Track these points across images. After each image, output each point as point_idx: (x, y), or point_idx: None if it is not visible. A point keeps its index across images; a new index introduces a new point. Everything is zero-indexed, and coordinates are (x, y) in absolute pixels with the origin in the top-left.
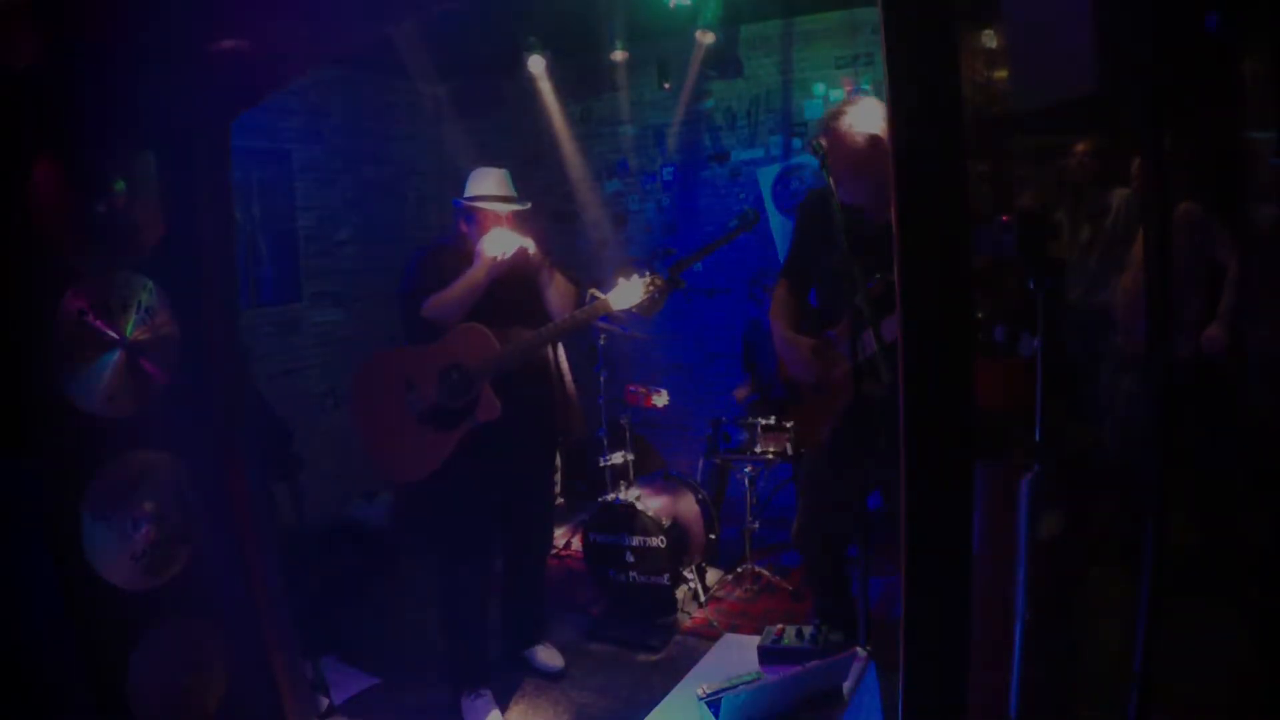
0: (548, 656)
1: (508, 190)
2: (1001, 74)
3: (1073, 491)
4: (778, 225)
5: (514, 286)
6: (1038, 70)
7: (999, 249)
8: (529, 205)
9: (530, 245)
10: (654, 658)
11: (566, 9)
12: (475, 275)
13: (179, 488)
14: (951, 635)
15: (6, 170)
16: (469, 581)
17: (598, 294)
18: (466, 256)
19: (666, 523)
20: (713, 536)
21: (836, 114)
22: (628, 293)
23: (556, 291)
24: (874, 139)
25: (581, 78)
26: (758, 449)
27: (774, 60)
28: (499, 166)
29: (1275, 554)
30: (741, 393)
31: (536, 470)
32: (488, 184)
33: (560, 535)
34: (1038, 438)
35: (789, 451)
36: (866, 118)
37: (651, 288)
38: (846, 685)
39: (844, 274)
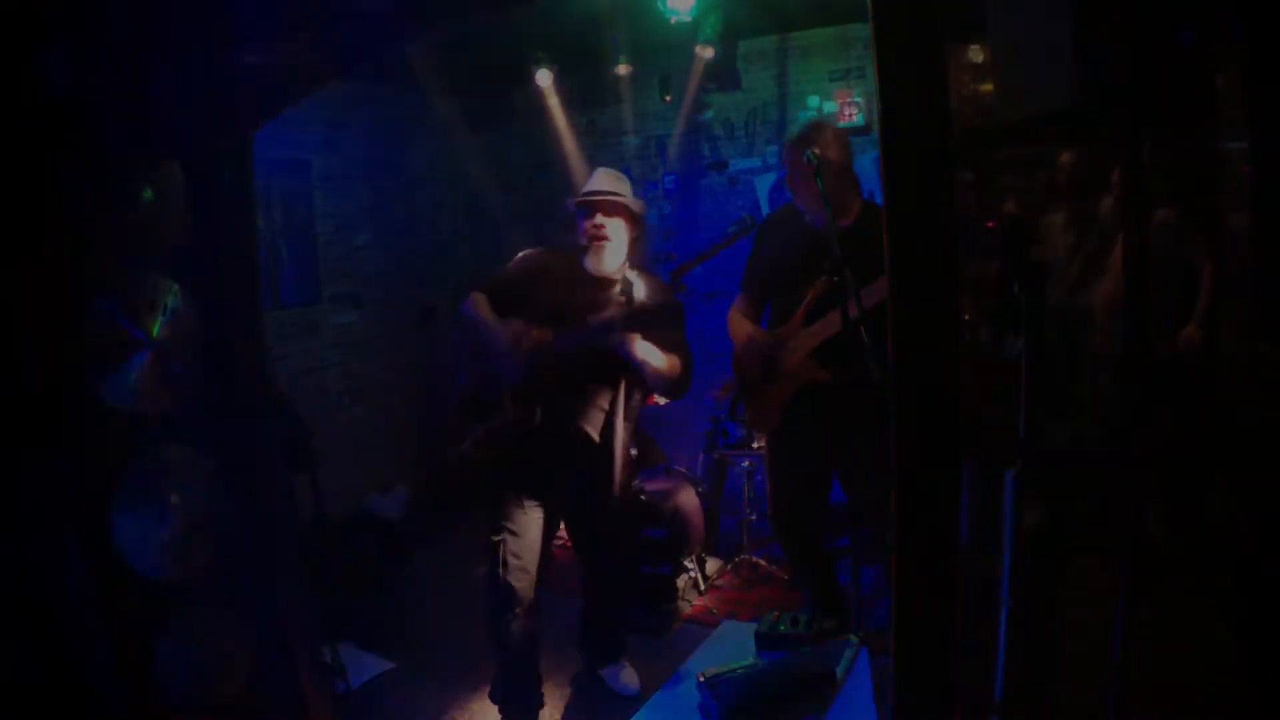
0: (627, 678)
1: (617, 187)
2: (987, 87)
3: (1055, 485)
4: None
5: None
6: (1022, 83)
7: (985, 254)
8: (641, 205)
9: (619, 330)
10: (656, 643)
11: (573, 26)
12: (500, 345)
13: (204, 482)
14: (939, 623)
15: (41, 180)
16: (507, 598)
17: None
18: (566, 259)
19: (668, 514)
20: (712, 528)
21: (821, 125)
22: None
23: (656, 376)
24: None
25: (587, 91)
26: (755, 445)
27: (771, 74)
28: (510, 175)
29: (1249, 545)
30: (724, 390)
31: (592, 492)
32: (596, 180)
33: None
34: (1022, 435)
35: None
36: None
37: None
38: (839, 669)
39: (802, 271)
